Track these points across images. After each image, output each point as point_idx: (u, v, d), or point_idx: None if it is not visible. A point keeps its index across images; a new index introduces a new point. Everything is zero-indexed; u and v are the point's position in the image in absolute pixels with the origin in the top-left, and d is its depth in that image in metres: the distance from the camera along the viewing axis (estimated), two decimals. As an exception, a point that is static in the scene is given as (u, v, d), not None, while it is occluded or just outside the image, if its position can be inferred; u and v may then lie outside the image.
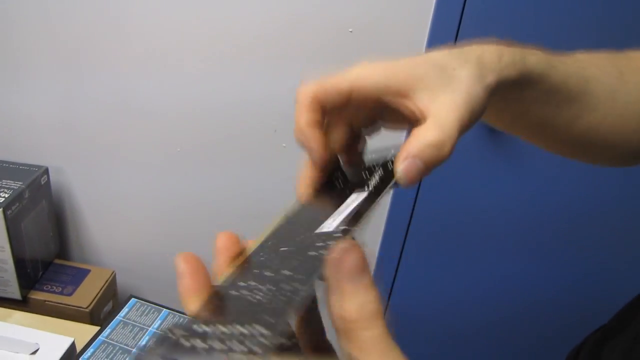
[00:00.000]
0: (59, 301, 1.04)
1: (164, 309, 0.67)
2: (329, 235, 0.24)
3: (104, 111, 1.08)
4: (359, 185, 0.30)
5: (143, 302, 0.67)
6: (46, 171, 1.08)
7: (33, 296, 1.05)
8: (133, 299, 0.68)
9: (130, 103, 1.07)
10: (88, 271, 1.13)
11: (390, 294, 1.16)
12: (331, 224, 0.26)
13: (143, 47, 1.00)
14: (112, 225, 1.23)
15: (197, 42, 0.99)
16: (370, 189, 0.29)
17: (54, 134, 1.12)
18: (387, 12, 0.91)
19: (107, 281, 1.11)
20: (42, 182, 1.07)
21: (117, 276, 1.16)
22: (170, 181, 1.14)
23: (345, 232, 0.24)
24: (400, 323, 1.20)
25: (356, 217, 0.26)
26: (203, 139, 1.08)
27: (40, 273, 1.11)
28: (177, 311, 0.67)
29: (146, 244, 1.23)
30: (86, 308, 1.04)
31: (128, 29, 0.99)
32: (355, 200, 0.28)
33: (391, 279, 1.14)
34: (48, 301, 1.04)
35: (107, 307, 1.12)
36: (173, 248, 1.23)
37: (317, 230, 0.26)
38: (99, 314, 1.08)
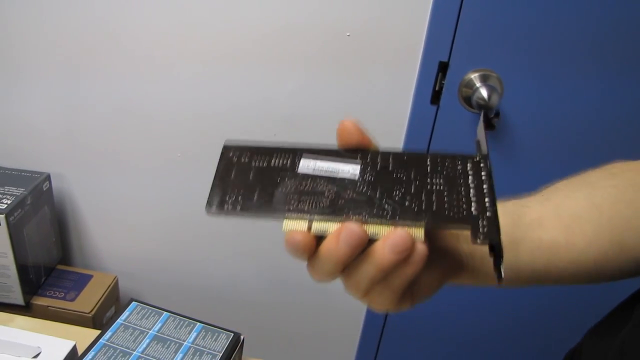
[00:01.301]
0: (62, 307, 1.05)
1: (165, 312, 0.67)
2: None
3: (105, 117, 1.09)
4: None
5: (143, 305, 0.68)
6: (48, 177, 1.09)
7: (36, 302, 1.05)
8: (134, 302, 0.68)
9: (131, 109, 1.07)
10: (90, 276, 1.14)
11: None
12: None
13: (142, 53, 1.01)
14: (114, 230, 1.23)
15: (195, 47, 0.99)
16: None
17: (55, 141, 1.13)
18: (384, 16, 0.92)
19: (109, 286, 1.12)
20: (44, 189, 1.08)
21: (119, 281, 1.16)
22: (172, 186, 1.15)
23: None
24: (399, 331, 1.20)
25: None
26: (203, 144, 1.09)
27: (43, 279, 1.11)
28: (178, 314, 0.67)
29: (148, 249, 1.24)
30: (89, 313, 1.04)
31: (127, 36, 1.00)
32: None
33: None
34: (51, 307, 1.05)
35: (110, 312, 1.13)
36: (175, 253, 1.23)
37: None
38: (102, 319, 1.09)
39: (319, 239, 0.29)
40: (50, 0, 0.99)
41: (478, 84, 0.91)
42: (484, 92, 0.89)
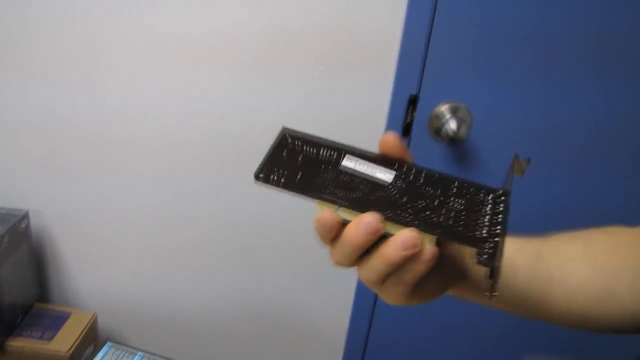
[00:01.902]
0: (39, 346, 1.03)
1: (139, 353, 0.67)
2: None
3: (84, 152, 1.09)
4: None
5: (118, 346, 0.68)
6: (26, 215, 1.09)
7: (11, 343, 1.04)
8: (108, 344, 0.68)
9: (109, 142, 1.08)
10: (69, 314, 1.13)
11: (370, 326, 1.16)
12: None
13: (121, 78, 1.03)
14: (93, 266, 1.22)
15: (182, 61, 1.00)
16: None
17: (33, 176, 1.13)
18: (355, 51, 0.94)
19: (87, 324, 1.11)
20: (22, 226, 1.08)
21: (98, 318, 1.15)
22: (152, 224, 1.15)
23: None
24: (381, 357, 1.20)
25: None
26: (183, 186, 1.10)
27: (20, 318, 1.10)
28: (152, 354, 0.67)
29: (128, 286, 1.23)
30: (66, 352, 1.03)
31: (105, 58, 1.02)
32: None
33: (369, 312, 1.14)
34: (27, 347, 1.03)
35: (89, 350, 1.11)
36: (155, 289, 1.23)
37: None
38: (79, 358, 1.07)
39: (344, 226, 0.32)
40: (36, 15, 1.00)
41: (448, 116, 0.94)
42: (453, 125, 0.92)
